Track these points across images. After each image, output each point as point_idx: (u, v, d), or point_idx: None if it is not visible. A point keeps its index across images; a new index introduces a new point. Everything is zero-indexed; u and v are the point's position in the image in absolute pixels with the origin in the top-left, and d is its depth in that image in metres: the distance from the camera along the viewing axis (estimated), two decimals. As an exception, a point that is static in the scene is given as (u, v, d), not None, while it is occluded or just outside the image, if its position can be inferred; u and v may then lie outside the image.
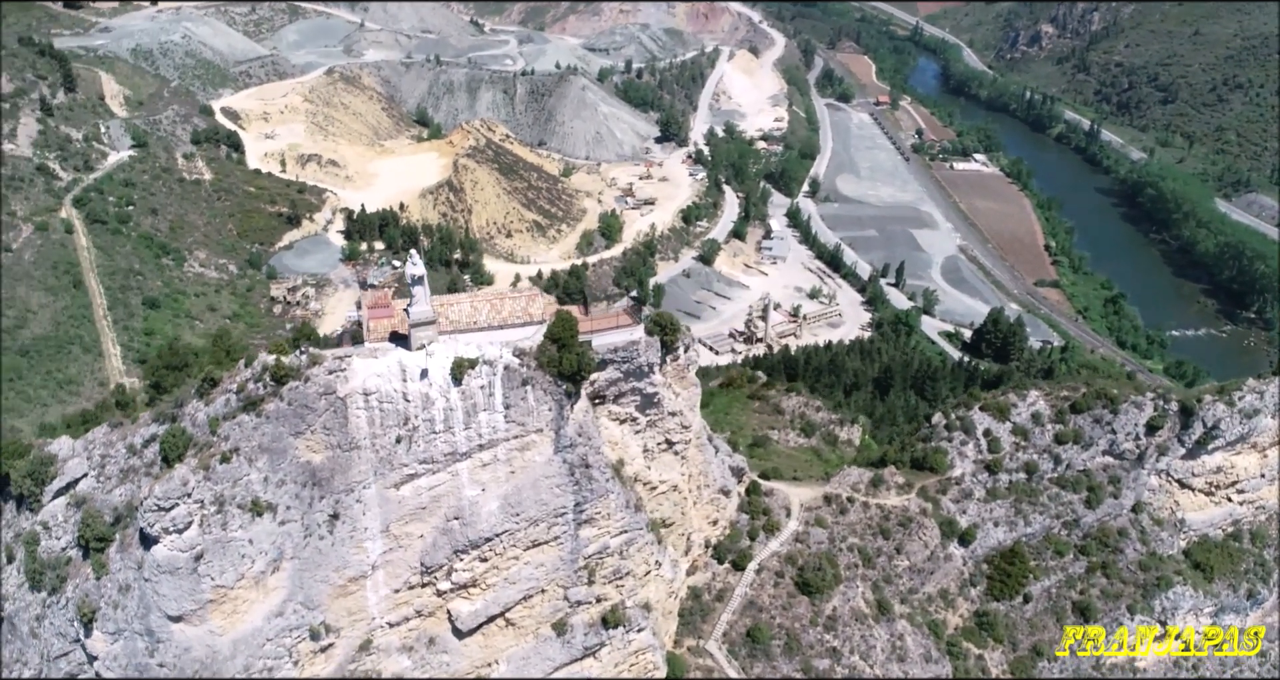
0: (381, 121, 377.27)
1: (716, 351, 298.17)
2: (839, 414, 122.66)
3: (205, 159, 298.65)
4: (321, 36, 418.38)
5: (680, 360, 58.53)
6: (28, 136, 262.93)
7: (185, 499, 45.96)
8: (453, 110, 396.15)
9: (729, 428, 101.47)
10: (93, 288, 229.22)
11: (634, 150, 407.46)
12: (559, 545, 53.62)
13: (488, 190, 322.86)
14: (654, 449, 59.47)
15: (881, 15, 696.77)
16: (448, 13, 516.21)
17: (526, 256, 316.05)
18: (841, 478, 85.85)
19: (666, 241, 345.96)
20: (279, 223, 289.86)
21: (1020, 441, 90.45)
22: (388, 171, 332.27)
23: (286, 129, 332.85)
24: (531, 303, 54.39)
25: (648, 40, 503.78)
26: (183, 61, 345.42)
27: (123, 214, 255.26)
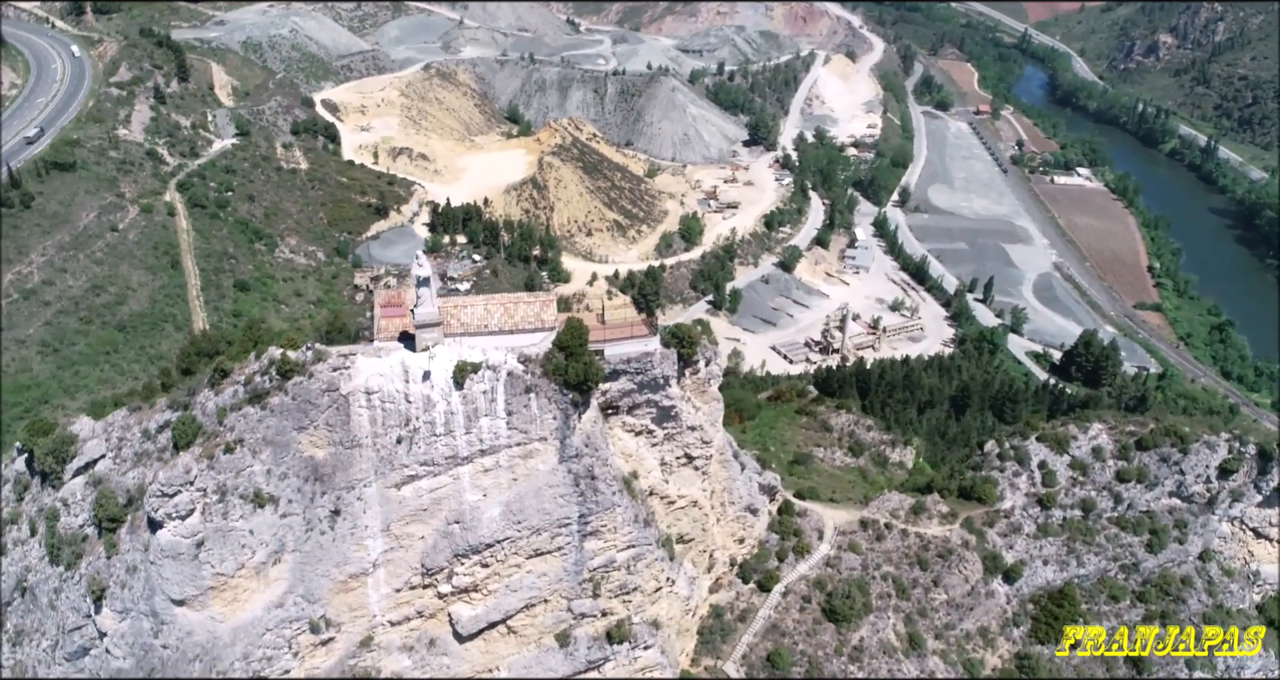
0: (473, 117, 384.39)
1: (791, 360, 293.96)
2: (892, 434, 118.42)
3: (303, 149, 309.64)
4: (421, 33, 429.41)
5: (700, 374, 57.06)
6: (140, 123, 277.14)
7: (188, 486, 47.16)
8: (543, 108, 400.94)
9: (772, 443, 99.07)
10: (188, 268, 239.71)
11: (721, 153, 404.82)
12: (562, 556, 52.94)
13: (570, 188, 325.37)
14: (672, 463, 58.17)
15: (988, 21, 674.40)
16: (545, 12, 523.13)
17: (605, 256, 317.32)
18: (880, 502, 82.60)
19: (747, 246, 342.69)
20: (368, 213, 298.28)
21: (1078, 476, 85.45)
22: (476, 167, 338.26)
23: (381, 122, 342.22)
24: (545, 309, 53.76)
25: (742, 43, 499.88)
26: (289, 55, 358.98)
27: (222, 199, 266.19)
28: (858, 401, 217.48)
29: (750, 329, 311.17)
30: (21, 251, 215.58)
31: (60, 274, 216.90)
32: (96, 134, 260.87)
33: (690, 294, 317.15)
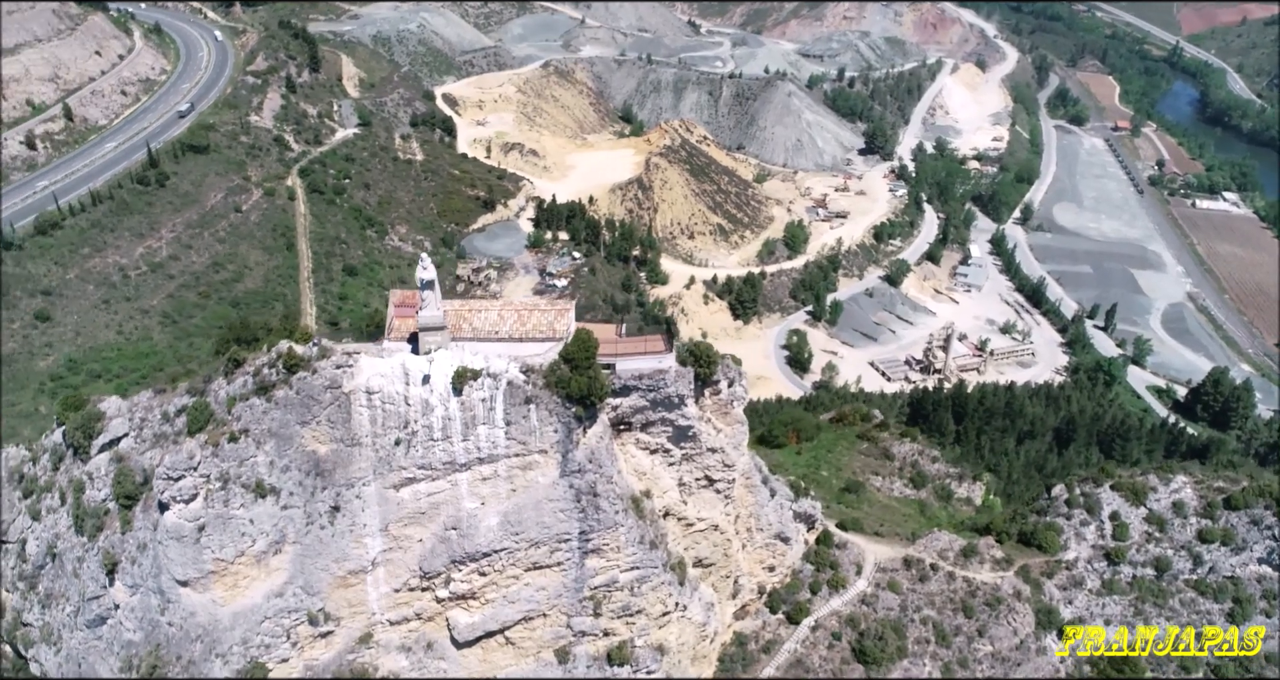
0: (587, 115, 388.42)
1: (889, 377, 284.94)
2: (960, 467, 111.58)
3: (419, 141, 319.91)
4: (544, 31, 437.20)
5: (722, 395, 54.75)
6: (271, 110, 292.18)
7: (191, 472, 48.44)
8: (657, 109, 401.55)
9: (825, 467, 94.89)
10: (302, 251, 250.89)
11: (834, 160, 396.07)
12: (562, 572, 51.80)
13: (675, 190, 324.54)
14: (691, 484, 56.16)
15: (1136, 33, 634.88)
16: (667, 13, 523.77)
17: (705, 260, 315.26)
18: (929, 541, 77.78)
19: (853, 257, 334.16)
20: (475, 206, 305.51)
21: (1154, 532, 78.32)
22: (584, 164, 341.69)
23: (497, 117, 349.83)
24: (559, 318, 52.63)
25: (865, 48, 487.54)
26: (415, 49, 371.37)
27: (339, 186, 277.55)
28: (952, 426, 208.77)
29: (849, 342, 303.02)
30: (153, 227, 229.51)
31: (185, 250, 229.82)
32: (230, 119, 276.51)
33: (789, 303, 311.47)
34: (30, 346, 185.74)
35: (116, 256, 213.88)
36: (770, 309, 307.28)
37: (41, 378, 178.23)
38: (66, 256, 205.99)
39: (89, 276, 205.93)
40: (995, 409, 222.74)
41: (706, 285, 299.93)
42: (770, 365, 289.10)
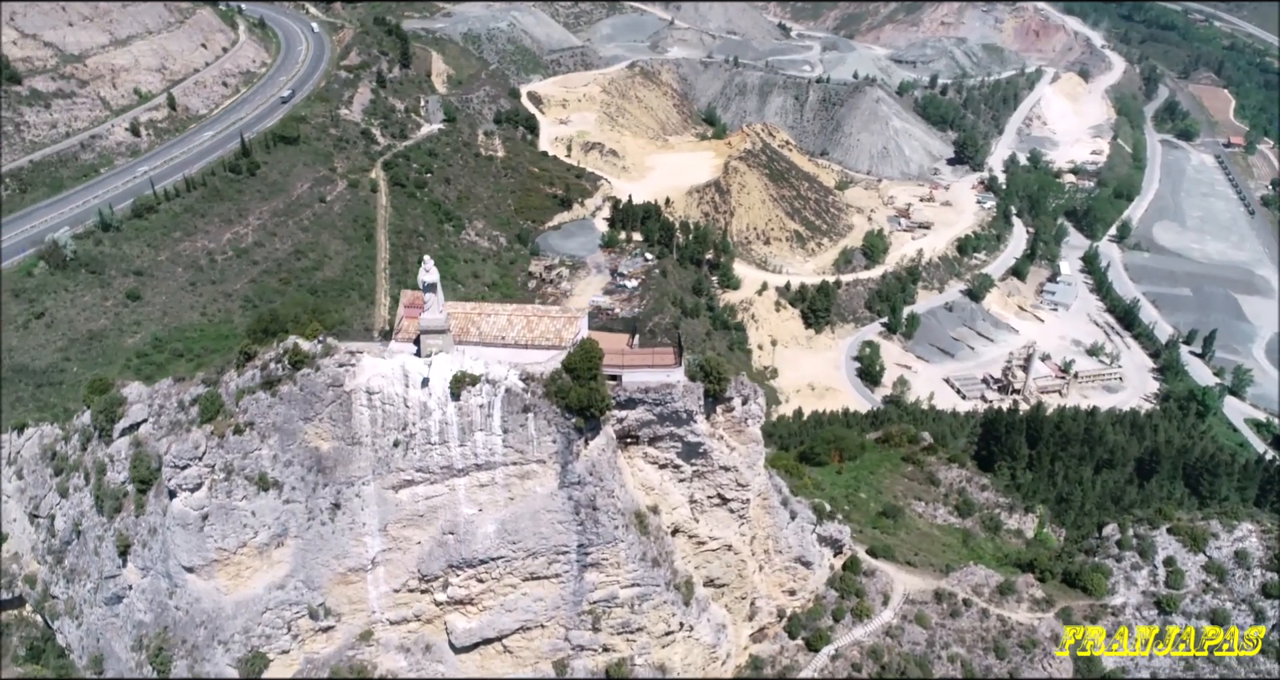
0: (670, 117, 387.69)
1: (964, 395, 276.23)
2: (1011, 497, 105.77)
3: (502, 138, 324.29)
4: (632, 32, 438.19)
5: (735, 413, 52.83)
6: (361, 104, 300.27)
7: (196, 461, 49.26)
8: (741, 112, 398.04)
9: (865, 489, 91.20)
10: (380, 242, 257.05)
11: (921, 169, 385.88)
12: (560, 584, 50.85)
13: (753, 195, 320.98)
14: (704, 501, 54.49)
15: (1257, 44, 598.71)
16: (757, 15, 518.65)
17: (779, 266, 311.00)
18: (963, 575, 73.86)
19: (934, 270, 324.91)
20: (552, 204, 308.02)
21: (1213, 582, 72.76)
22: (663, 166, 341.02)
23: (580, 117, 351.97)
24: (567, 326, 51.56)
25: (961, 55, 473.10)
26: (504, 47, 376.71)
27: (420, 180, 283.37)
28: (1025, 450, 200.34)
29: (925, 357, 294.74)
30: (242, 214, 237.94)
31: (270, 237, 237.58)
32: (321, 112, 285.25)
33: (864, 314, 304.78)
34: (120, 324, 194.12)
35: (205, 241, 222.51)
36: (844, 319, 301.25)
37: (128, 354, 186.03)
38: (159, 239, 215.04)
39: (179, 259, 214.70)
40: (1073, 435, 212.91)
41: (779, 292, 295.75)
42: (840, 376, 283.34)
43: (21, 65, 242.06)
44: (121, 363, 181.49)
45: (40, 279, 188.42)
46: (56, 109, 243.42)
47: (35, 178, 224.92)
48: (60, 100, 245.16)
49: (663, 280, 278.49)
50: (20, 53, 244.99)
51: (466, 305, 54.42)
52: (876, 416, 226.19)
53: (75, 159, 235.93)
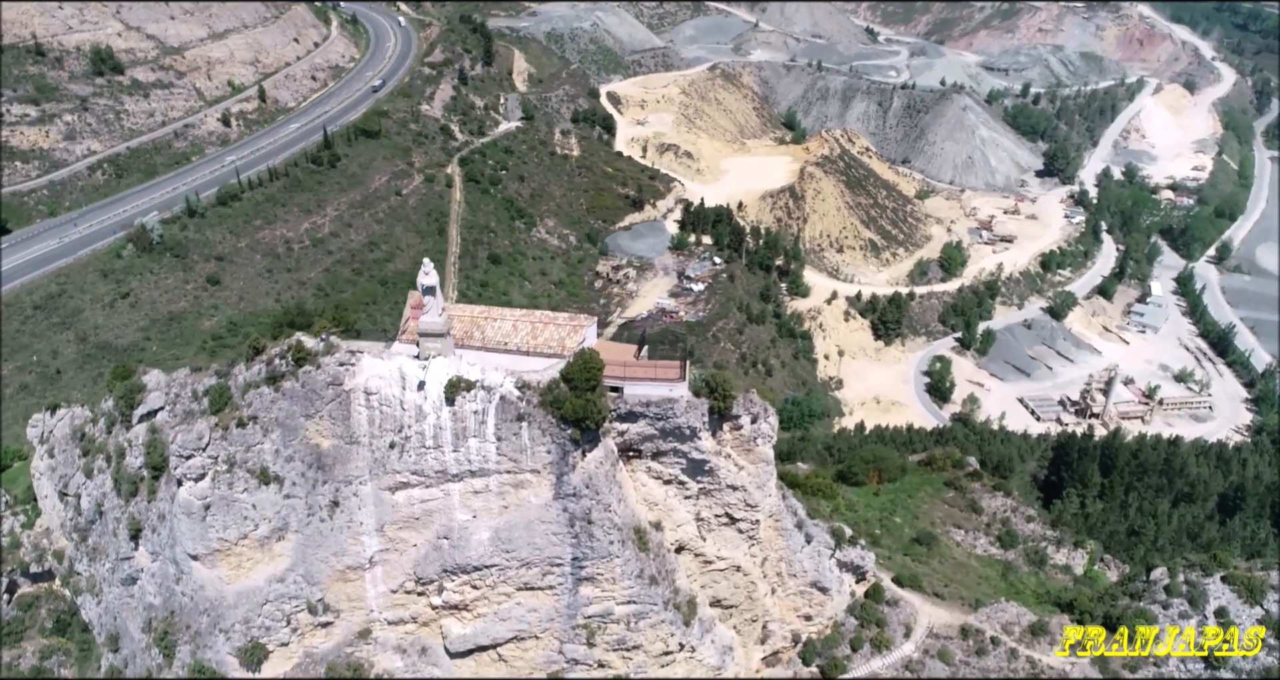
0: (749, 120, 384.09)
1: (1039, 417, 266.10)
2: (1060, 530, 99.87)
3: (578, 137, 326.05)
4: (715, 33, 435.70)
5: (744, 431, 50.81)
6: (442, 101, 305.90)
7: (200, 452, 49.87)
8: (822, 117, 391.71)
9: (901, 513, 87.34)
10: (452, 237, 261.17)
11: (1007, 181, 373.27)
12: (554, 595, 49.81)
13: (828, 201, 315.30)
14: (711, 520, 52.75)
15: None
16: (843, 19, 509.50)
17: (851, 275, 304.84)
18: (993, 611, 69.85)
19: (1013, 285, 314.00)
20: (624, 204, 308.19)
21: (1269, 638, 67.35)
22: (738, 169, 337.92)
23: (657, 118, 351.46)
24: (571, 335, 50.37)
25: (1056, 63, 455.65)
26: (586, 47, 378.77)
27: (495, 176, 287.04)
28: (1097, 477, 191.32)
29: (998, 375, 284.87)
30: (320, 205, 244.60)
31: (346, 228, 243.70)
32: (403, 107, 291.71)
33: (937, 328, 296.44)
34: (199, 307, 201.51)
35: (284, 230, 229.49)
36: (915, 332, 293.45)
37: (205, 336, 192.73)
38: (241, 226, 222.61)
39: (258, 246, 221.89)
40: (1151, 464, 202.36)
41: (849, 301, 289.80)
42: (907, 391, 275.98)
43: (125, 56, 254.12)
44: (197, 344, 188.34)
45: (128, 261, 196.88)
46: (155, 98, 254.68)
47: (131, 164, 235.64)
48: (159, 90, 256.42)
49: (730, 285, 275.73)
50: (124, 44, 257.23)
51: (475, 309, 53.95)
52: (941, 434, 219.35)
53: (169, 146, 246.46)
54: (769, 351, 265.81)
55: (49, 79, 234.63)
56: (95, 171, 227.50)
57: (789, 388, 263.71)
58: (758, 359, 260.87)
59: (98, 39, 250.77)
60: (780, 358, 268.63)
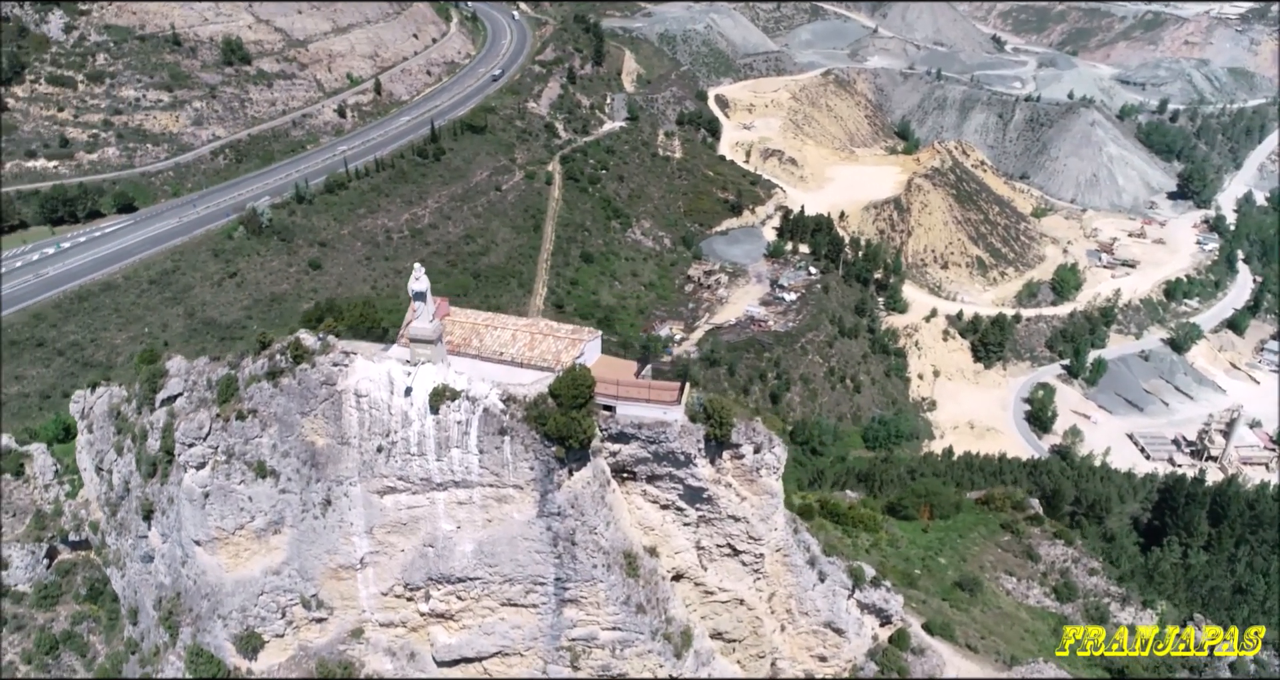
0: (860, 128, 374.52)
1: (1148, 455, 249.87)
2: (1126, 587, 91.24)
3: (681, 139, 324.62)
4: (832, 38, 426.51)
5: (746, 461, 47.87)
6: (549, 99, 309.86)
7: (200, 441, 50.58)
8: (937, 127, 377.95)
9: (947, 553, 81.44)
10: (547, 234, 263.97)
11: (1134, 202, 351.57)
12: (538, 614, 48.26)
13: (935, 215, 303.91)
14: (712, 549, 50.16)
15: None
16: (968, 26, 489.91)
17: (954, 293, 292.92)
18: (1029, 670, 63.98)
19: (1132, 313, 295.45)
20: (722, 209, 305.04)
21: None
22: (843, 178, 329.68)
23: (764, 122, 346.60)
24: (569, 348, 48.49)
25: (1200, 79, 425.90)
26: (698, 49, 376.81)
27: (595, 176, 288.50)
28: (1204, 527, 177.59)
29: (1107, 407, 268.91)
30: (422, 196, 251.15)
31: (445, 220, 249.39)
32: (510, 104, 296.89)
33: (1043, 353, 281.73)
34: (300, 289, 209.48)
35: (385, 219, 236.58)
36: (1019, 356, 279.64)
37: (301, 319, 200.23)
38: (345, 214, 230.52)
39: (359, 234, 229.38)
40: (1268, 517, 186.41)
41: (949, 320, 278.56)
42: (1005, 417, 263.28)
43: (253, 48, 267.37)
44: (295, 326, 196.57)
45: (238, 242, 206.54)
46: (277, 88, 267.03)
47: (250, 150, 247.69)
48: (281, 81, 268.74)
49: (824, 296, 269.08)
50: (254, 36, 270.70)
51: (480, 315, 52.98)
52: (1036, 467, 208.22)
53: (287, 135, 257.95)
54: (859, 367, 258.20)
55: (183, 67, 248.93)
56: (217, 156, 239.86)
57: (877, 406, 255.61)
58: (846, 374, 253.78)
59: (230, 31, 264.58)
60: (871, 374, 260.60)
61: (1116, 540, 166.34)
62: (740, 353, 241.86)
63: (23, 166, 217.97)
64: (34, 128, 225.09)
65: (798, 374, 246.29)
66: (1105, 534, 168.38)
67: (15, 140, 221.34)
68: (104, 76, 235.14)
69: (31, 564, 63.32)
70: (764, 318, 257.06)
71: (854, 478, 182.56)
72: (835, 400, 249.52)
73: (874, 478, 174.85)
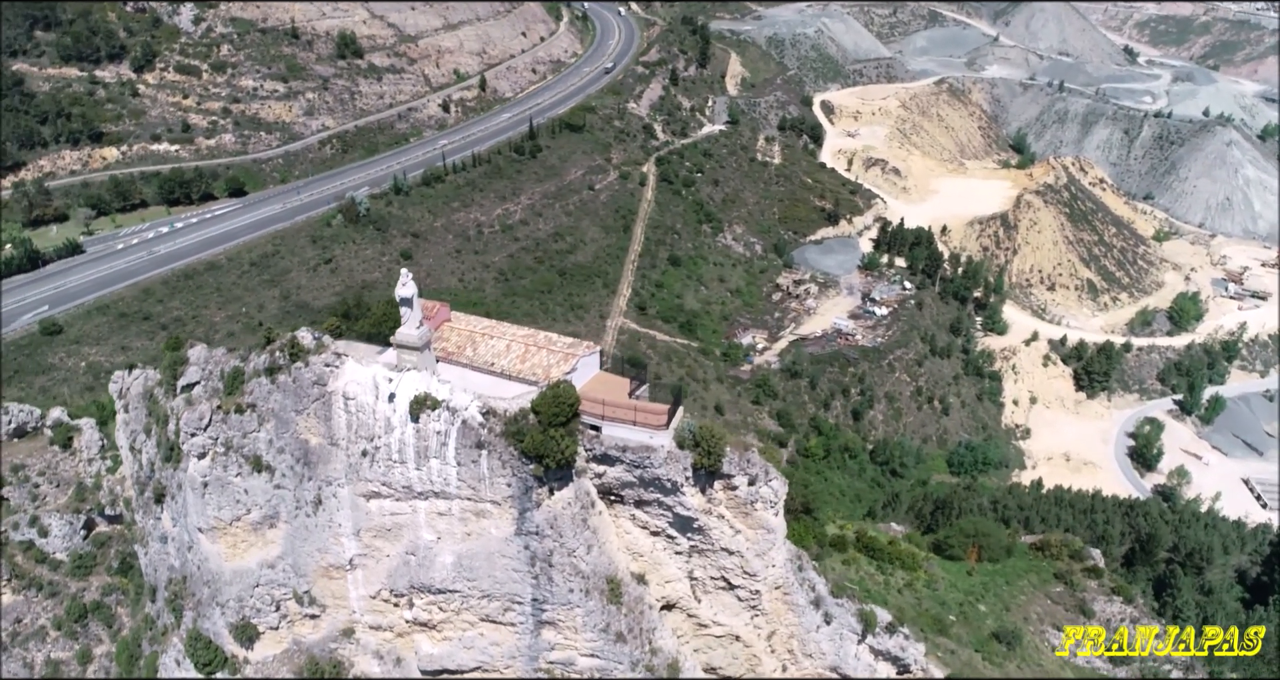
0: (972, 140, 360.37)
1: (1264, 504, 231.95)
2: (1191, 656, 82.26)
3: (782, 144, 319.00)
4: (949, 46, 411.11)
5: (739, 493, 44.75)
6: (650, 100, 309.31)
7: (201, 431, 51.05)
8: (1055, 142, 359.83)
9: (989, 600, 75.23)
10: (636, 235, 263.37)
11: (1271, 229, 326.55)
12: (516, 633, 46.70)
13: (1045, 234, 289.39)
14: (706, 581, 47.53)
15: None
16: (1096, 36, 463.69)
17: (1059, 317, 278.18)
18: (1061, 740, 58.59)
19: (1258, 349, 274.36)
20: (818, 217, 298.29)
21: None
22: (949, 191, 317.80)
23: (869, 130, 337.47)
24: (561, 363, 46.38)
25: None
26: (806, 53, 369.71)
27: (689, 178, 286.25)
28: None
29: (1222, 449, 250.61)
30: (515, 193, 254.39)
31: (536, 217, 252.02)
32: (610, 104, 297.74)
33: (1153, 386, 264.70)
34: (389, 278, 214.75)
35: (478, 214, 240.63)
36: (1126, 388, 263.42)
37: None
38: (439, 207, 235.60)
39: (451, 227, 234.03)
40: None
41: (1051, 345, 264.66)
42: (1105, 452, 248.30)
43: (366, 42, 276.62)
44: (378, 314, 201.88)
45: (335, 230, 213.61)
46: (386, 82, 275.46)
47: (356, 141, 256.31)
48: (391, 75, 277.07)
49: (917, 312, 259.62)
50: (367, 31, 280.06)
51: (481, 323, 51.68)
52: (1133, 507, 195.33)
53: (391, 127, 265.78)
54: (949, 388, 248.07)
55: (299, 60, 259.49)
56: (324, 146, 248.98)
57: (966, 430, 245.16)
58: (935, 395, 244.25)
59: (345, 26, 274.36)
60: (961, 397, 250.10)
61: (1215, 594, 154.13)
62: (824, 366, 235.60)
63: (147, 149, 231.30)
64: (160, 113, 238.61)
65: (883, 392, 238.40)
66: (1203, 586, 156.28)
67: (143, 124, 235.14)
68: (226, 67, 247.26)
69: (69, 534, 66.07)
70: (852, 331, 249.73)
71: (931, 503, 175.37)
72: (921, 421, 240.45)
73: (952, 505, 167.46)
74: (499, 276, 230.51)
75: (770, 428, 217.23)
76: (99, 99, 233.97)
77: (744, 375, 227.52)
